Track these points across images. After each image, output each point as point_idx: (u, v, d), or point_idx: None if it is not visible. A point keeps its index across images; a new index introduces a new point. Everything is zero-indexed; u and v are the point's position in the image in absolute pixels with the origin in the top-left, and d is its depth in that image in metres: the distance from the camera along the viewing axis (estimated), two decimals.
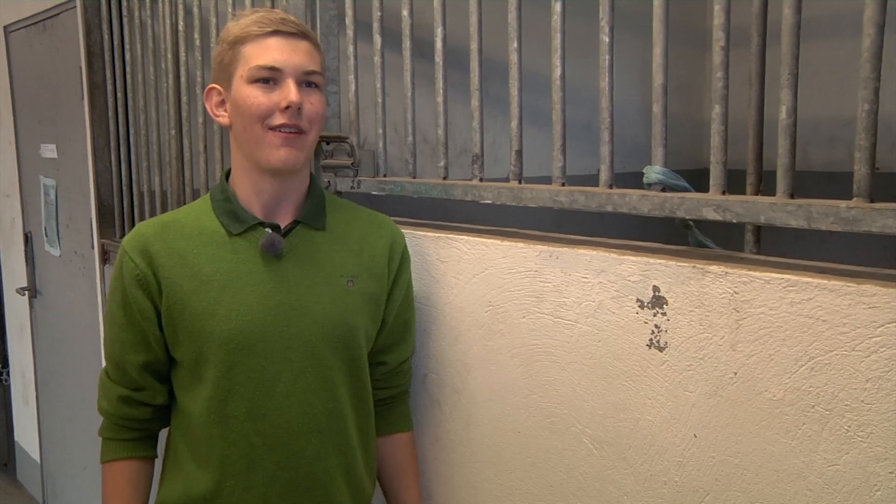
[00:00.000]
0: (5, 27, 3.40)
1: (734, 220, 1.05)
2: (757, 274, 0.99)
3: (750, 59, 1.25)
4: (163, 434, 1.36)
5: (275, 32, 1.21)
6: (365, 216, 1.38)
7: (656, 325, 1.10)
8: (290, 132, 1.21)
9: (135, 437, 1.31)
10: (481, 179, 1.43)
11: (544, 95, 1.41)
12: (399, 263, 1.37)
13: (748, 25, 1.24)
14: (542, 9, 1.41)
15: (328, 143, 1.67)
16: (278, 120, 1.20)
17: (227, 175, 1.32)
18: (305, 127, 1.22)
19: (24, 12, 3.13)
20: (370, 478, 1.37)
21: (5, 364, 4.05)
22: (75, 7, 2.63)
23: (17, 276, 3.65)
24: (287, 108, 1.19)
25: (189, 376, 1.26)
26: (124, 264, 1.25)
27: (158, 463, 1.37)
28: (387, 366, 1.39)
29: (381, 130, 1.62)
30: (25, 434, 3.84)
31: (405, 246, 1.40)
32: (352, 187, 1.65)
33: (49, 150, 3.12)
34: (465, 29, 1.41)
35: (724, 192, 1.09)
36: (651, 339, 1.11)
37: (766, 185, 1.24)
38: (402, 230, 1.43)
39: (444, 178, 1.49)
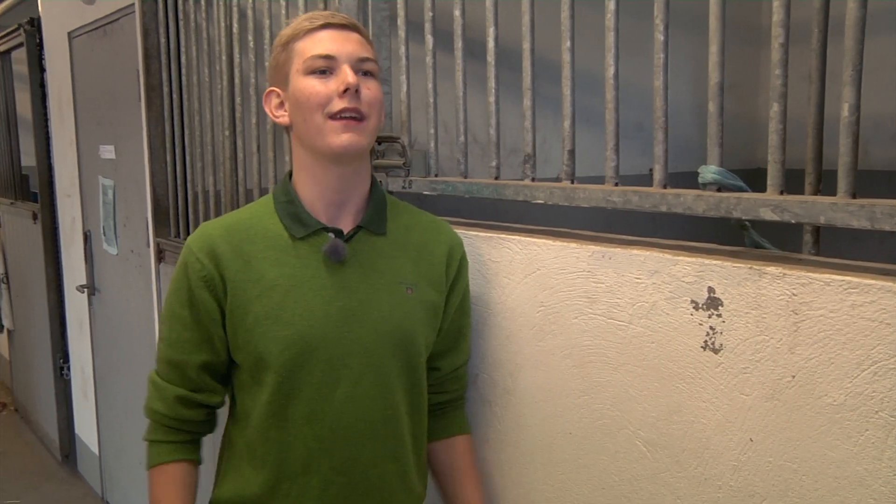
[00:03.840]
0: (69, 33, 3.51)
1: (792, 221, 1.03)
2: (816, 276, 0.97)
3: (809, 56, 1.22)
4: (215, 438, 1.37)
5: (326, 25, 1.22)
6: (424, 221, 1.37)
7: (711, 327, 1.09)
8: (351, 118, 1.20)
9: (185, 439, 1.30)
10: (533, 179, 1.42)
11: (594, 94, 1.40)
12: (457, 270, 1.36)
13: (806, 21, 1.21)
14: (594, 7, 1.40)
15: (380, 144, 1.68)
16: (338, 105, 1.19)
17: (290, 176, 1.31)
18: (365, 111, 1.21)
19: (87, 18, 3.23)
20: (422, 483, 1.37)
21: (66, 359, 4.17)
22: (134, 12, 2.70)
23: (77, 273, 3.76)
24: (345, 91, 1.18)
25: (249, 379, 1.26)
26: (190, 264, 1.24)
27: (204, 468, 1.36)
28: (440, 371, 1.38)
29: (432, 130, 1.62)
30: (85, 427, 3.95)
31: (463, 253, 1.39)
32: (403, 187, 1.66)
33: (108, 151, 3.20)
34: (517, 28, 1.41)
35: (781, 192, 1.07)
36: (706, 341, 1.09)
37: (824, 184, 1.21)
38: (454, 230, 1.43)
39: (496, 178, 1.49)
